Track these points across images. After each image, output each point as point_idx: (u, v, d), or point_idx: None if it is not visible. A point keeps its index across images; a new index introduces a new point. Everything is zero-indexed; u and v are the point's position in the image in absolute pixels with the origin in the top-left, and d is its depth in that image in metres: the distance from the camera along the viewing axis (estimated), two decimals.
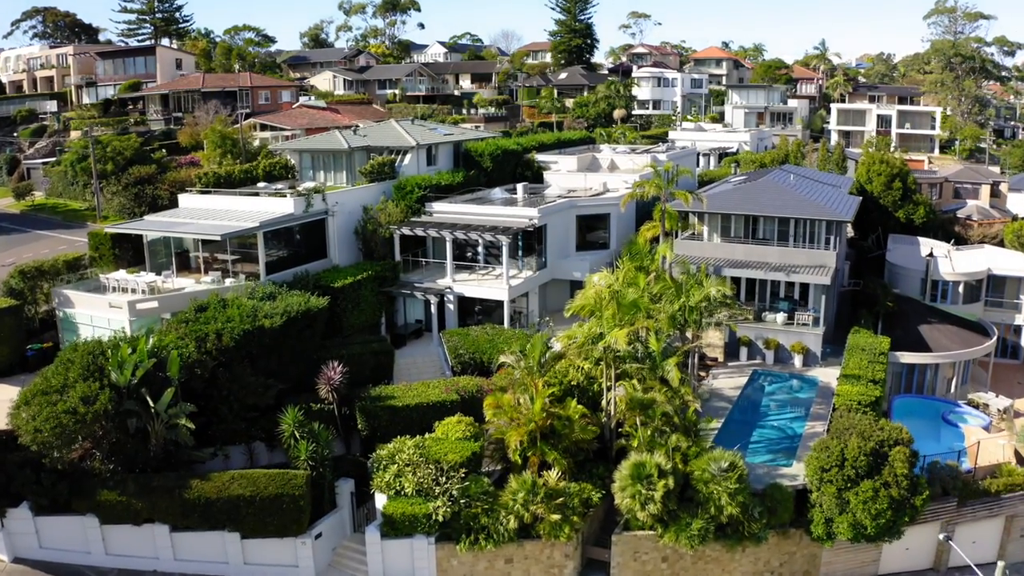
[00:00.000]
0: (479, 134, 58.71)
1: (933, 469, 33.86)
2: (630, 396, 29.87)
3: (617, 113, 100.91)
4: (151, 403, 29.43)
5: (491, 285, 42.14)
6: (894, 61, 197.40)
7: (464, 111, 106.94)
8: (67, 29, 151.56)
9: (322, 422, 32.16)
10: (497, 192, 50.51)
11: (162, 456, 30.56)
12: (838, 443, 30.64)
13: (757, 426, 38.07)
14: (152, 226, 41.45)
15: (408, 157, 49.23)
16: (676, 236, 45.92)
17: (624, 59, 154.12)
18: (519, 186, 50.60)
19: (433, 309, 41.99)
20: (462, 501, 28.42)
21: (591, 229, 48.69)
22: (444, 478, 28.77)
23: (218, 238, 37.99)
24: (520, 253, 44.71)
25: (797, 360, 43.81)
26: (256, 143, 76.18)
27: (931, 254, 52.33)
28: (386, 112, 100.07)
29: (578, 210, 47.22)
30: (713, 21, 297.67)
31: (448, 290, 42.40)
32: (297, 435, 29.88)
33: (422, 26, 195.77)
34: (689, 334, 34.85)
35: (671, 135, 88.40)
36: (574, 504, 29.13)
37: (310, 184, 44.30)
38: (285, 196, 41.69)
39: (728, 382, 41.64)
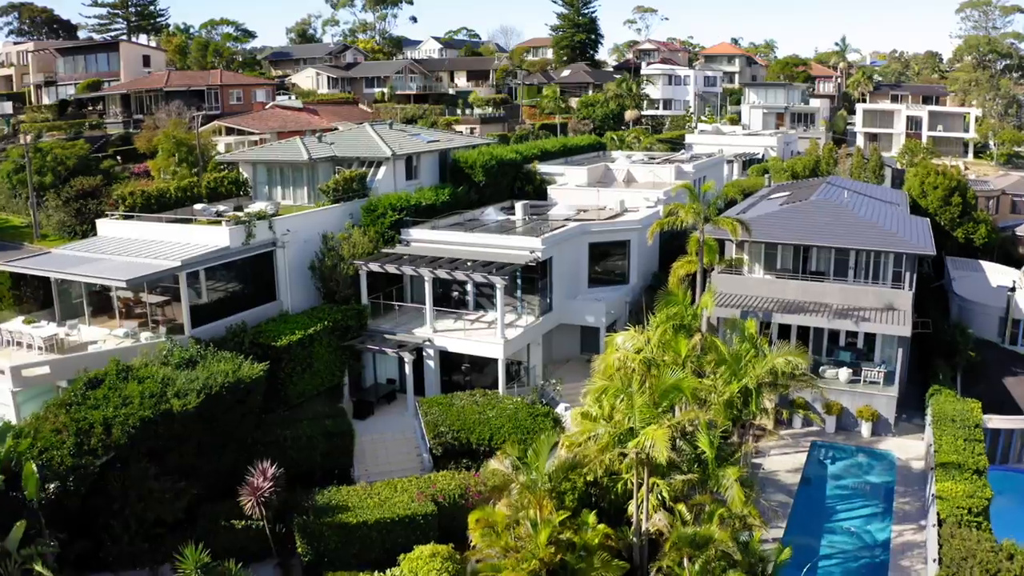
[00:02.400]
0: (469, 140, 49.73)
1: None
2: (678, 534, 21.01)
3: (629, 114, 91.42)
4: None
5: (482, 338, 33.19)
6: (906, 59, 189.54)
7: (459, 111, 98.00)
8: (44, 26, 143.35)
9: (246, 552, 23.45)
10: (491, 213, 41.68)
11: None
12: None
13: (826, 529, 29.28)
14: (49, 263, 32.55)
15: (382, 170, 40.39)
16: (712, 270, 37.07)
17: (630, 56, 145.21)
18: (518, 205, 41.74)
19: (408, 369, 33.04)
20: None
21: (606, 259, 39.87)
22: None
23: (122, 284, 29.12)
24: (519, 293, 35.86)
25: (864, 428, 35.09)
26: (220, 148, 67.52)
27: (1013, 287, 43.53)
28: (372, 113, 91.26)
29: (591, 236, 38.34)
30: (721, 17, 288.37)
31: (427, 343, 33.53)
32: None
33: (414, 20, 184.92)
34: (751, 418, 25.90)
35: (688, 139, 79.38)
36: None
37: (255, 207, 35.50)
38: (221, 224, 32.84)
39: (784, 461, 32.85)
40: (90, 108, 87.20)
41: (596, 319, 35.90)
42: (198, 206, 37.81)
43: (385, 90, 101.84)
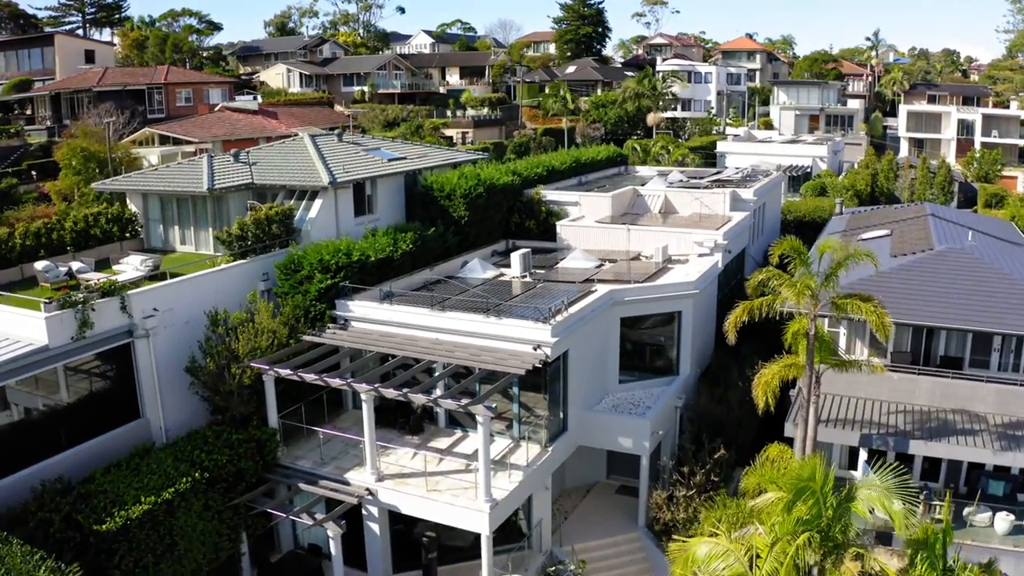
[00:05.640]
0: (450, 156, 36.87)
1: None
2: None
3: (651, 118, 77.82)
4: None
5: (455, 496, 20.48)
6: (927, 56, 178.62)
7: (449, 112, 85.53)
8: (10, 21, 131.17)
9: None
10: (475, 267, 29.28)
11: None
12: None
13: None
14: None
15: (318, 204, 27.93)
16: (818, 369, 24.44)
17: (639, 51, 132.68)
18: (515, 256, 29.23)
19: (334, 548, 20.53)
20: None
21: (645, 338, 27.41)
22: None
23: None
24: (517, 407, 23.40)
25: None
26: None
27: None
28: (349, 115, 78.84)
29: (624, 308, 25.88)
30: (733, 12, 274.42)
31: (368, 498, 21.09)
32: None
33: (402, 11, 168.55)
34: None
35: (719, 148, 66.71)
36: None
37: (127, 263, 23.19)
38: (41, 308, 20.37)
39: None
40: (17, 112, 74.74)
41: (635, 443, 23.41)
42: (40, 264, 25.28)
43: (365, 88, 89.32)
